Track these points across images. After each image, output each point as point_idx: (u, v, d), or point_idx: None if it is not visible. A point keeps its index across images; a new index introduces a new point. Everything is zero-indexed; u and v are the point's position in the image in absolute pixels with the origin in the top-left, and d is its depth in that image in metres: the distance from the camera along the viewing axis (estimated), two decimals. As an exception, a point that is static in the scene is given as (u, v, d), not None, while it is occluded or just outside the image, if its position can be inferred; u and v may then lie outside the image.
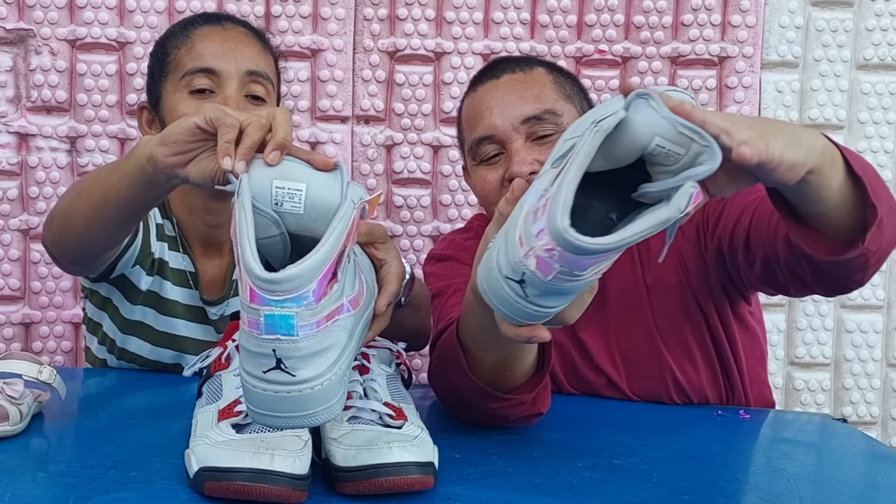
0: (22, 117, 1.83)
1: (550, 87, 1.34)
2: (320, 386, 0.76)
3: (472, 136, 1.34)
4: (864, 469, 1.12)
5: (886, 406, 2.01)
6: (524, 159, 1.27)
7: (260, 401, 0.76)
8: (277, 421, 0.77)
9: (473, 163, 1.35)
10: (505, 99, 1.32)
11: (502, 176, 1.30)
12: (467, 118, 1.37)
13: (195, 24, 1.41)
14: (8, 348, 1.84)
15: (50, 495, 0.83)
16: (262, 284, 0.72)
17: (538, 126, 1.29)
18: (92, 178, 1.09)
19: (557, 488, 0.89)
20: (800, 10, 1.93)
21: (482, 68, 1.48)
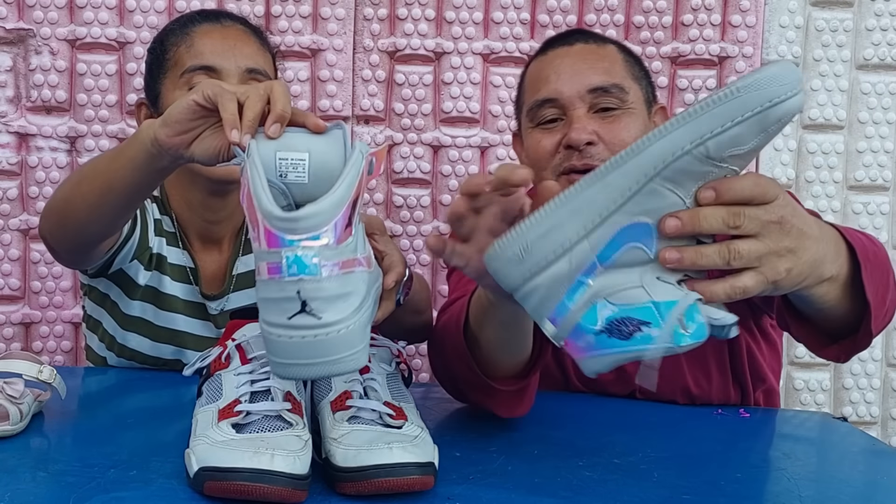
0: (22, 117, 1.83)
1: (621, 65, 1.35)
2: (346, 329, 0.76)
3: (535, 98, 1.33)
4: (864, 468, 1.11)
5: (886, 406, 2.01)
6: (584, 127, 1.27)
7: (286, 350, 0.76)
8: (305, 370, 0.76)
9: (530, 125, 1.34)
10: (575, 66, 1.32)
11: (558, 141, 1.30)
12: (531, 80, 1.37)
13: (194, 21, 1.42)
14: (8, 348, 1.84)
15: (50, 495, 0.83)
16: (283, 224, 0.73)
17: (603, 98, 1.30)
18: (93, 165, 1.10)
19: (557, 487, 0.89)
20: (800, 10, 1.93)
21: (555, 35, 1.48)
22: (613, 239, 0.79)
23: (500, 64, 1.90)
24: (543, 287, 0.79)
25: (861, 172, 1.95)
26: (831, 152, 1.95)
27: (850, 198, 1.96)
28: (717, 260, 0.80)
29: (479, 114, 1.90)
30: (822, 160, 1.95)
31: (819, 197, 1.94)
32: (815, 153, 1.95)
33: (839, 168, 1.95)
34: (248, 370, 0.91)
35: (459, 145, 1.90)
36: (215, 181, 1.36)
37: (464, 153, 1.90)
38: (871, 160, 1.95)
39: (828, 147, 1.95)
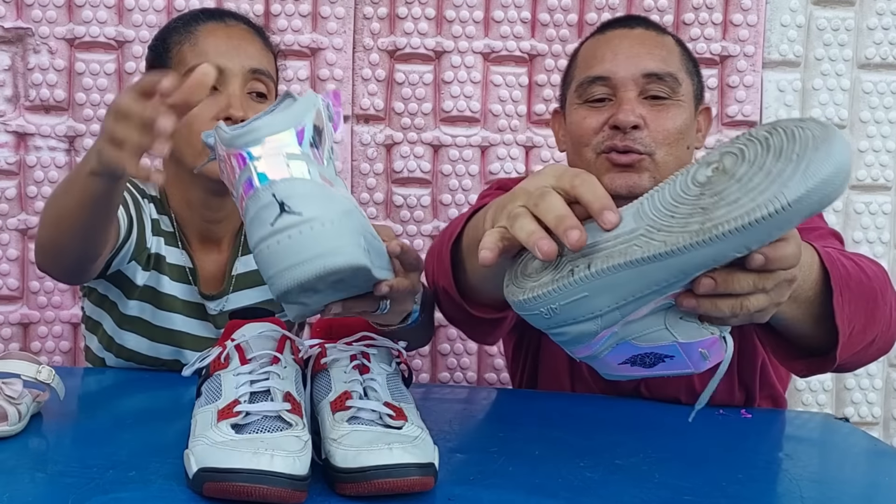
0: (20, 116, 1.83)
1: (678, 56, 1.35)
2: (331, 224, 0.76)
3: (587, 74, 1.33)
4: (866, 468, 1.11)
5: (888, 406, 2.00)
6: (633, 110, 1.27)
7: (276, 258, 0.76)
8: (298, 271, 0.76)
9: (578, 101, 1.34)
10: (633, 49, 1.32)
11: (604, 121, 1.29)
12: (585, 56, 1.36)
13: (198, 19, 1.41)
14: (6, 348, 1.83)
15: (49, 495, 0.82)
16: (241, 139, 0.76)
17: (656, 85, 1.30)
18: (55, 206, 1.11)
19: (558, 488, 0.89)
20: (801, 9, 1.92)
21: (615, 17, 1.50)
22: (643, 309, 0.79)
23: (501, 63, 1.90)
24: (569, 335, 0.81)
25: (863, 172, 1.95)
26: (832, 152, 1.94)
27: (851, 197, 1.96)
28: (727, 312, 0.79)
29: (479, 113, 1.90)
30: (824, 160, 1.94)
31: (820, 196, 1.94)
32: (817, 153, 1.94)
33: (840, 167, 1.95)
34: (247, 370, 0.91)
35: (460, 145, 1.90)
36: (215, 180, 1.35)
37: (464, 153, 1.90)
38: (872, 160, 1.95)
39: (829, 146, 1.94)
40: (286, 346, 0.94)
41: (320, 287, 0.80)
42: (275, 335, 0.95)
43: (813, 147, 0.72)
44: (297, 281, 0.77)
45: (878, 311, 1.05)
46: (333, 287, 0.82)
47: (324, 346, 0.98)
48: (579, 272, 0.77)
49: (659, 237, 0.75)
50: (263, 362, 0.91)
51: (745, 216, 0.72)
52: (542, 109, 1.90)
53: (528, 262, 0.82)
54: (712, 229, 0.72)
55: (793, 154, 0.72)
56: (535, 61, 1.90)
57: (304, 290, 0.79)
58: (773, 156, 0.73)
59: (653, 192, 0.79)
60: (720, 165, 0.76)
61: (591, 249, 0.78)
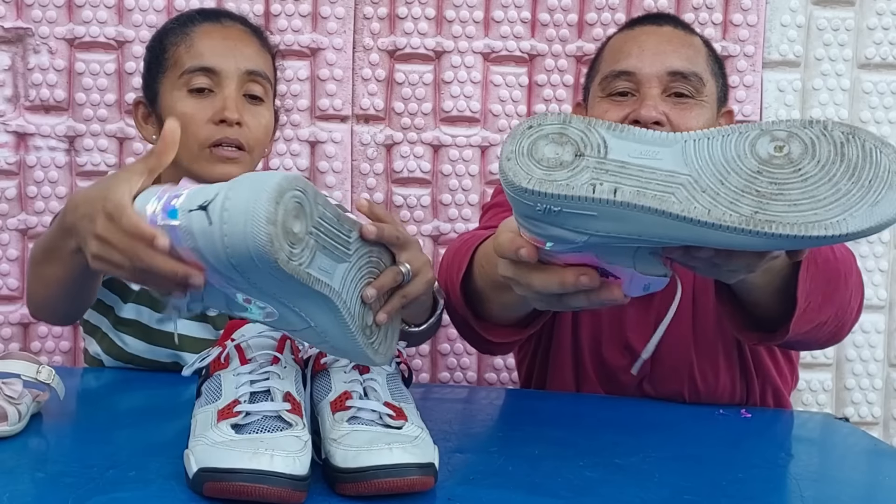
0: (20, 116, 1.82)
1: (704, 56, 1.35)
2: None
3: (612, 68, 1.33)
4: (866, 468, 1.11)
5: (888, 406, 2.00)
6: (655, 106, 1.28)
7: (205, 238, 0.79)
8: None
9: (601, 94, 1.34)
10: (660, 46, 1.32)
11: (626, 115, 1.30)
12: (612, 50, 1.37)
13: (194, 20, 1.41)
14: (6, 348, 1.83)
15: (48, 495, 0.82)
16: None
17: (680, 83, 1.30)
18: (42, 273, 1.12)
19: (558, 488, 0.89)
20: (801, 9, 1.92)
21: (644, 14, 1.50)
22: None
23: (501, 63, 1.90)
24: (546, 232, 0.78)
25: (862, 172, 1.95)
26: (832, 152, 1.94)
27: (851, 197, 1.95)
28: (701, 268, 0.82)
29: (479, 113, 1.90)
30: (824, 160, 1.94)
31: (820, 196, 1.93)
32: (817, 152, 1.94)
33: (840, 167, 1.95)
34: (247, 370, 0.91)
35: (460, 145, 1.90)
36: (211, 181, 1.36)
37: (464, 153, 1.90)
38: (872, 159, 1.95)
39: (829, 146, 1.94)
40: (286, 346, 0.94)
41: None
42: (275, 335, 0.95)
43: (888, 184, 0.70)
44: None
45: (837, 293, 1.06)
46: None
47: (324, 345, 0.98)
48: (602, 191, 0.72)
49: (703, 200, 0.72)
50: (263, 362, 0.91)
51: (801, 227, 0.70)
52: (542, 109, 1.90)
53: (538, 140, 0.75)
54: (765, 224, 0.70)
55: (866, 180, 0.71)
56: (535, 61, 1.90)
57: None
58: (846, 170, 0.71)
59: (698, 134, 0.75)
60: (786, 148, 0.72)
61: (620, 168, 0.73)
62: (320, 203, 0.82)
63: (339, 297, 0.84)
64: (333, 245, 0.83)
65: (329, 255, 0.83)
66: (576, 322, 1.39)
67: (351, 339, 0.87)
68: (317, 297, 0.82)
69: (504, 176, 0.75)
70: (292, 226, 0.78)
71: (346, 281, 0.86)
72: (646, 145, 0.75)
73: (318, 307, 0.84)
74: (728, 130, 0.75)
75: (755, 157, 0.73)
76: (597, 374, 1.39)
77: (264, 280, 0.79)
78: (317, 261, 0.81)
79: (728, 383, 1.35)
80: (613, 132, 0.75)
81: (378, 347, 0.90)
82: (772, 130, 0.74)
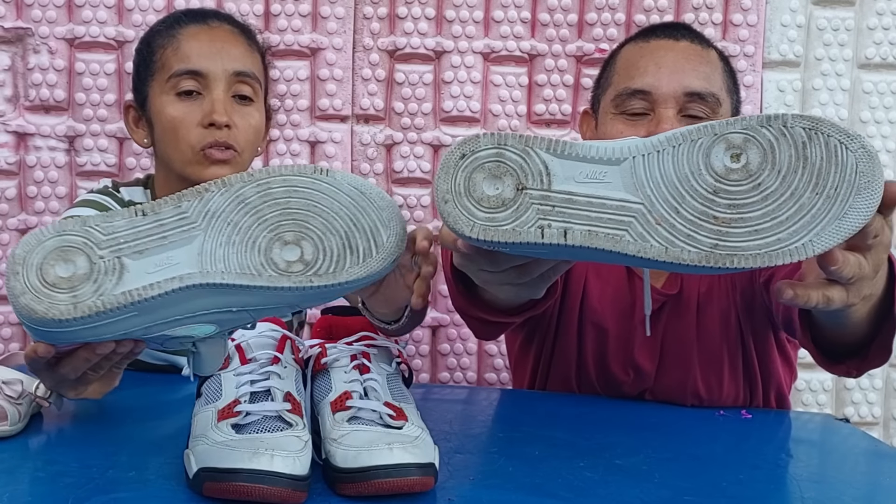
0: (20, 116, 1.82)
1: (720, 75, 1.31)
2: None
3: (627, 85, 1.29)
4: (866, 469, 1.11)
5: (888, 406, 2.00)
6: (672, 128, 1.25)
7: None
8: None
9: (614, 111, 1.30)
10: (678, 64, 1.28)
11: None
12: (626, 64, 1.32)
13: (180, 22, 1.40)
14: (6, 348, 1.83)
15: (49, 495, 0.82)
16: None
17: (697, 104, 1.26)
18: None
19: (558, 488, 0.89)
20: (801, 9, 1.92)
21: (658, 24, 1.44)
22: None
23: (501, 63, 1.90)
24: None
25: (862, 172, 1.95)
26: (832, 152, 1.94)
27: (851, 197, 1.95)
28: (851, 271, 0.74)
29: (479, 113, 1.90)
30: (824, 160, 1.94)
31: (820, 197, 1.94)
32: (817, 153, 1.94)
33: (840, 168, 1.95)
34: (247, 370, 0.91)
35: (460, 145, 1.89)
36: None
37: (464, 153, 1.89)
38: (872, 160, 1.95)
39: (829, 147, 1.94)
40: (286, 347, 0.94)
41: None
42: (275, 335, 0.95)
43: (855, 188, 0.66)
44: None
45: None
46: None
47: (324, 346, 0.98)
48: (551, 235, 0.69)
49: (659, 236, 0.68)
50: (264, 362, 0.91)
51: (764, 257, 0.67)
52: (542, 109, 1.90)
53: (473, 174, 0.71)
54: (725, 259, 0.67)
55: (832, 189, 0.67)
56: (535, 61, 1.90)
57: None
58: (809, 178, 0.67)
59: (647, 147, 0.70)
60: (744, 158, 0.68)
61: (567, 203, 0.69)
62: (93, 225, 0.76)
63: (207, 275, 0.76)
64: (150, 240, 0.76)
65: (154, 251, 0.76)
66: (581, 339, 1.38)
67: (259, 292, 0.78)
68: (180, 294, 0.76)
69: (444, 220, 0.72)
70: (56, 274, 0.74)
71: (207, 252, 0.77)
72: (591, 164, 0.70)
73: (199, 298, 0.77)
74: (679, 138, 0.69)
75: (711, 173, 0.68)
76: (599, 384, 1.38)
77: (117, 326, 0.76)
78: (134, 270, 0.75)
79: (732, 391, 1.35)
80: (555, 152, 0.71)
81: (289, 273, 0.79)
82: (727, 134, 0.68)
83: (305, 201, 0.76)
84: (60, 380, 0.87)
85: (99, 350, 0.81)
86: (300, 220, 0.76)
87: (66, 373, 0.86)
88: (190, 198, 0.76)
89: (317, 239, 0.76)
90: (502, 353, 1.92)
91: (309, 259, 0.76)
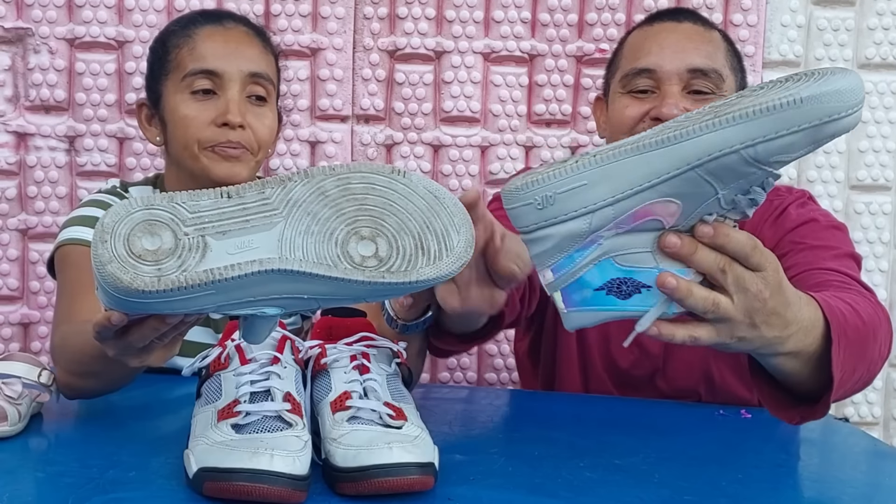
0: (20, 116, 1.82)
1: (723, 52, 1.37)
2: None
3: (633, 65, 1.35)
4: (866, 468, 1.11)
5: (888, 406, 2.00)
6: (676, 104, 1.29)
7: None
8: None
9: (621, 91, 1.36)
10: (680, 43, 1.34)
11: (645, 111, 1.32)
12: (633, 47, 1.39)
13: (196, 22, 1.41)
14: (6, 348, 1.83)
15: (49, 495, 0.82)
16: None
17: (700, 81, 1.31)
18: (80, 361, 1.07)
19: (558, 488, 0.89)
20: (801, 9, 1.92)
21: (663, 9, 1.52)
22: (638, 211, 0.78)
23: (501, 63, 1.90)
24: (555, 238, 0.79)
25: (863, 172, 1.95)
26: (833, 152, 1.94)
27: (852, 197, 1.95)
28: (700, 306, 0.80)
29: (479, 113, 1.90)
30: (824, 160, 1.94)
31: (821, 196, 1.93)
32: (817, 152, 1.94)
33: (841, 168, 1.95)
34: (247, 370, 0.91)
35: (460, 145, 1.90)
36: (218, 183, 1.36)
37: (464, 153, 1.90)
38: (873, 160, 1.95)
39: (829, 146, 1.94)
40: (286, 347, 0.94)
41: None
42: (275, 336, 0.95)
43: (831, 72, 0.74)
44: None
45: (867, 352, 1.04)
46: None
47: (324, 346, 0.98)
48: (584, 157, 0.77)
49: (671, 126, 0.77)
50: (263, 362, 0.91)
51: (756, 105, 0.73)
52: (542, 109, 1.90)
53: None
54: (723, 115, 0.74)
55: (811, 76, 0.74)
56: (535, 61, 1.90)
57: None
58: (792, 80, 0.75)
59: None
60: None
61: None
62: (180, 202, 0.77)
63: (285, 261, 0.77)
64: (233, 222, 0.77)
65: (236, 233, 0.77)
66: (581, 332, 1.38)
67: (338, 283, 0.80)
68: (258, 277, 0.77)
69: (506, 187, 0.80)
70: (142, 246, 0.75)
71: (287, 240, 0.78)
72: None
73: (275, 283, 0.78)
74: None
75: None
76: (607, 373, 1.39)
77: (206, 301, 0.77)
78: (217, 249, 0.77)
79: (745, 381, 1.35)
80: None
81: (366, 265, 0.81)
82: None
83: (382, 199, 0.78)
84: (126, 347, 0.86)
85: (169, 320, 0.82)
86: (377, 216, 0.78)
87: (134, 341, 0.85)
88: (273, 185, 0.78)
89: (391, 237, 0.78)
90: (502, 353, 1.92)
91: (383, 255, 0.78)
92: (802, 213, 1.33)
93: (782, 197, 1.38)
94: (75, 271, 1.29)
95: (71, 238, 1.33)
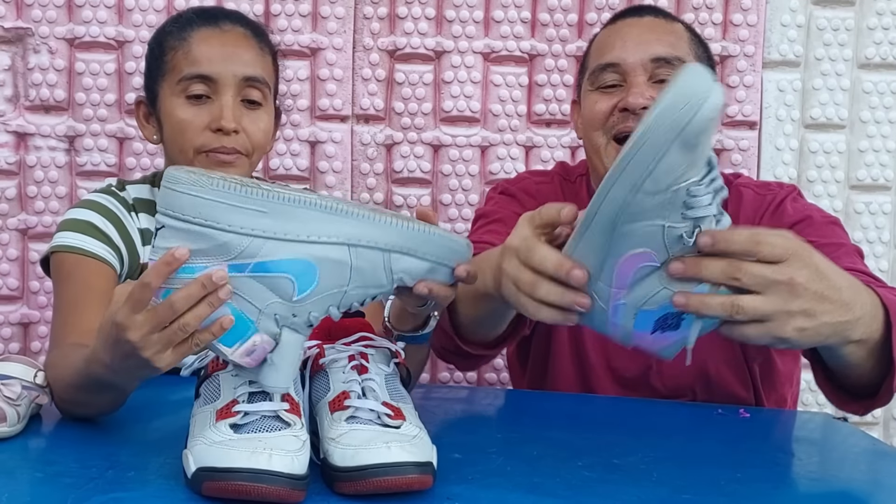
0: (20, 116, 1.83)
1: (686, 42, 1.38)
2: None
3: (598, 62, 1.37)
4: (865, 468, 1.11)
5: (888, 406, 2.00)
6: (642, 93, 1.31)
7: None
8: None
9: (590, 88, 1.38)
10: (642, 36, 1.36)
11: (614, 105, 1.33)
12: (598, 46, 1.41)
13: (192, 24, 1.40)
14: (6, 348, 1.84)
15: (48, 496, 0.82)
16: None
17: (665, 69, 1.33)
18: (82, 391, 1.02)
19: (557, 487, 0.89)
20: (801, 9, 1.92)
21: (626, 8, 1.55)
22: (619, 272, 0.83)
23: (501, 63, 1.90)
24: (593, 313, 0.87)
25: (863, 172, 1.95)
26: (833, 152, 1.94)
27: (851, 197, 1.95)
28: (721, 312, 0.82)
29: (479, 113, 1.90)
30: (824, 159, 1.94)
31: (821, 197, 1.94)
32: (817, 153, 1.94)
33: (841, 167, 1.95)
34: (246, 370, 0.91)
35: (460, 144, 1.90)
36: None
37: (464, 153, 1.90)
38: (872, 160, 1.95)
39: (829, 146, 1.94)
40: (285, 346, 0.94)
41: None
42: (274, 335, 0.95)
43: (669, 83, 0.76)
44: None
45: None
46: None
47: (322, 346, 0.98)
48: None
49: (590, 204, 0.82)
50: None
51: (623, 154, 0.77)
52: (542, 109, 1.90)
53: None
54: (608, 178, 0.79)
55: (656, 102, 0.77)
56: (535, 61, 1.90)
57: None
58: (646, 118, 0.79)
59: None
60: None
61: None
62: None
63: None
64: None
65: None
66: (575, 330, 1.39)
67: None
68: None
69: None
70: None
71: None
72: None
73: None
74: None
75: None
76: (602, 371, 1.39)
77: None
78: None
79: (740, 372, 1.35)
80: None
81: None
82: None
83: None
84: (171, 335, 0.84)
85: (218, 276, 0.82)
86: None
87: (189, 320, 0.83)
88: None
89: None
90: (502, 353, 1.92)
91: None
92: (798, 209, 1.35)
93: (774, 192, 1.39)
94: (70, 286, 1.29)
95: (65, 245, 1.33)
